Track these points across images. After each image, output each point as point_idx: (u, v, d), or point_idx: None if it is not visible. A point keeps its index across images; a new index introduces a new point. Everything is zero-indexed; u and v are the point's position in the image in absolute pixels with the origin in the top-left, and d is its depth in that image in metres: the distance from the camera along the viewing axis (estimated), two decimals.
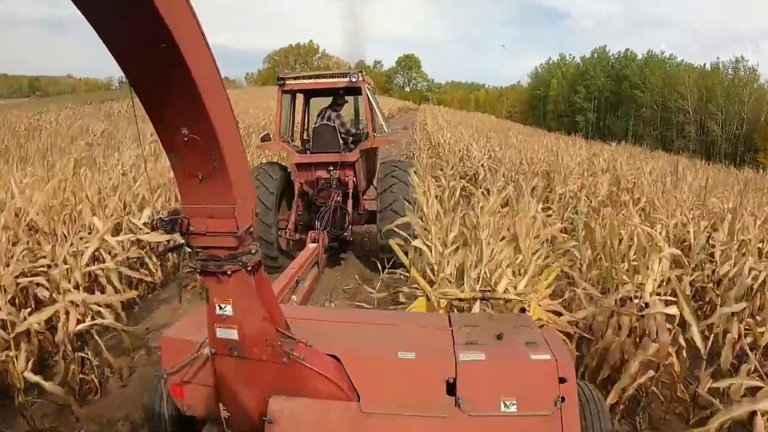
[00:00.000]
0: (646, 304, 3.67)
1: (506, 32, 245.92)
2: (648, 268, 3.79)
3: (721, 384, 3.26)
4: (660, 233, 4.39)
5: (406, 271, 5.00)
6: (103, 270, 4.93)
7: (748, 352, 3.65)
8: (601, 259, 4.66)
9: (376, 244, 5.51)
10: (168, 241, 5.86)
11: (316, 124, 7.28)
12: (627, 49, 79.44)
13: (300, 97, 7.75)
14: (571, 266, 4.83)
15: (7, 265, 4.04)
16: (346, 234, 6.62)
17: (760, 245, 5.24)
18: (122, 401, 4.14)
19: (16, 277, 4.22)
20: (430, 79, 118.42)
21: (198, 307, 3.48)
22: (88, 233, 5.18)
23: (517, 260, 4.49)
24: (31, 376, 3.50)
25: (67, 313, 3.86)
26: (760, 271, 4.55)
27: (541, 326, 3.55)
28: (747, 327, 3.96)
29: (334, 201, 6.68)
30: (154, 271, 5.90)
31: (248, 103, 35.39)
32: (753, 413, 2.83)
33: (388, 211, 6.23)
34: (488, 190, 9.20)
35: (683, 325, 3.69)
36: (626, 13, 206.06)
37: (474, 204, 5.44)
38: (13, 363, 3.56)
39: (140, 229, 5.62)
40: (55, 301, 3.94)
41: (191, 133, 1.86)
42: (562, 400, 2.47)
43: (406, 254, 4.61)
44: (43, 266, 4.57)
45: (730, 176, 16.30)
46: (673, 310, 3.45)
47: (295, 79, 7.02)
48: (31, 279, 4.28)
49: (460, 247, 4.63)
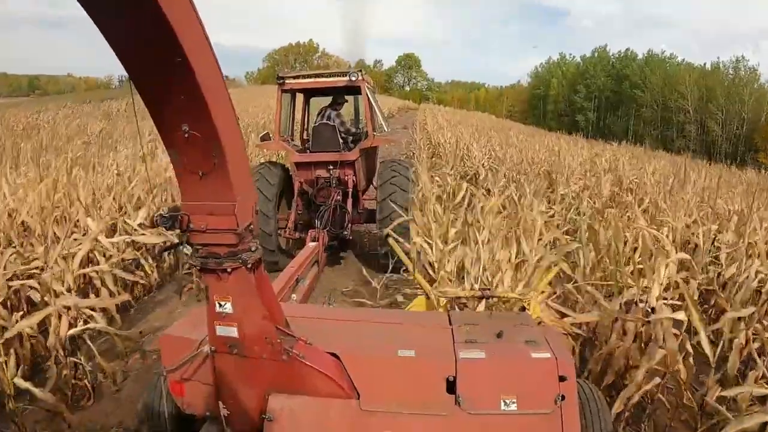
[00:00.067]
0: (653, 309, 3.58)
1: (506, 32, 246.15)
2: (654, 272, 3.69)
3: (730, 393, 3.18)
4: (667, 236, 4.29)
5: (405, 270, 4.97)
6: (97, 272, 4.84)
7: (756, 359, 3.57)
8: (605, 261, 4.57)
9: (375, 243, 5.47)
10: (164, 242, 5.84)
11: (315, 123, 7.27)
12: (627, 49, 79.44)
13: (300, 97, 7.74)
14: (574, 269, 4.76)
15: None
16: (346, 233, 6.62)
17: (767, 247, 5.14)
18: (116, 407, 4.05)
19: (8, 280, 4.15)
20: (430, 79, 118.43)
21: (197, 306, 3.44)
22: (83, 235, 5.09)
23: (517, 260, 4.41)
24: (21, 383, 3.42)
25: (59, 317, 3.77)
26: (767, 275, 4.47)
27: (539, 322, 3.53)
28: (755, 332, 3.88)
29: (333, 200, 6.67)
30: (150, 272, 5.81)
31: (248, 102, 35.27)
32: (765, 424, 2.75)
33: (388, 210, 6.20)
34: (489, 191, 9.17)
35: (689, 329, 3.63)
36: (626, 13, 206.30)
37: (475, 205, 5.37)
38: (3, 368, 3.47)
39: (135, 230, 5.53)
40: (47, 305, 3.86)
41: (192, 130, 1.87)
42: (562, 398, 2.46)
43: (408, 255, 4.53)
44: (35, 268, 4.49)
45: (732, 177, 16.15)
46: (680, 316, 3.35)
47: (295, 78, 6.99)
48: (23, 282, 4.18)
49: (460, 245, 4.56)
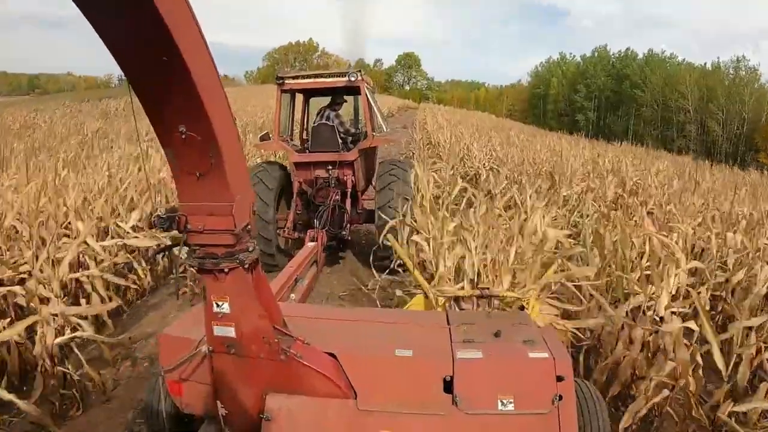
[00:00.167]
0: (661, 318, 3.46)
1: (506, 32, 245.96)
2: (662, 280, 3.56)
3: (741, 408, 3.05)
4: (676, 242, 4.15)
5: (404, 268, 4.96)
6: (88, 277, 4.72)
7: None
8: (610, 266, 4.44)
9: (374, 243, 5.47)
10: (158, 244, 5.73)
11: (315, 123, 7.25)
12: (627, 48, 79.35)
13: (299, 97, 7.74)
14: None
15: None
16: (345, 233, 6.61)
17: None
18: (106, 417, 3.90)
19: None
20: (430, 78, 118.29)
21: (196, 307, 3.34)
22: (74, 238, 4.95)
23: (516, 261, 4.32)
24: (5, 394, 3.29)
25: (46, 326, 3.64)
26: None
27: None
28: (765, 342, 3.75)
29: (332, 200, 6.66)
30: (143, 276, 5.67)
31: (246, 101, 35.13)
32: None
33: (387, 210, 6.19)
34: (489, 192, 9.05)
35: (696, 337, 3.50)
36: (626, 13, 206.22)
37: (476, 208, 5.25)
38: None
39: (128, 233, 5.39)
40: (33, 312, 3.73)
41: (189, 131, 1.86)
42: (560, 398, 2.45)
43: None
44: (24, 273, 4.36)
45: (735, 178, 15.98)
46: (691, 326, 3.22)
47: (294, 78, 6.97)
48: (9, 288, 4.04)
49: (459, 245, 4.46)
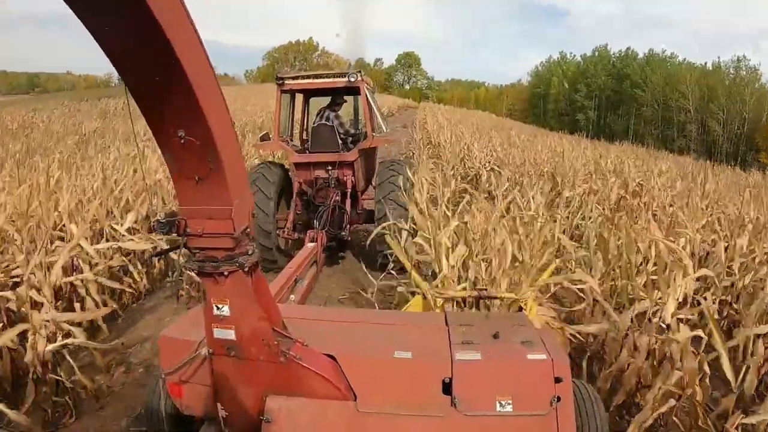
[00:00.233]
0: (668, 326, 3.37)
1: (506, 31, 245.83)
2: (669, 286, 3.47)
3: (751, 420, 2.96)
4: (683, 248, 4.06)
5: (401, 270, 4.93)
6: (82, 281, 4.63)
7: None
8: (614, 270, 4.35)
9: (374, 243, 5.48)
10: (154, 247, 5.65)
11: (314, 123, 7.23)
12: (628, 48, 79.14)
13: (299, 97, 7.71)
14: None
15: None
16: (344, 233, 6.58)
17: None
18: (99, 425, 3.81)
19: None
20: (430, 77, 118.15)
21: (195, 308, 3.34)
22: (68, 242, 4.85)
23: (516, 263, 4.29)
24: None
25: (36, 332, 3.54)
26: None
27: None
28: None
29: (332, 200, 6.63)
30: (139, 279, 5.58)
31: (246, 100, 35.02)
32: None
33: (386, 211, 6.12)
34: (490, 192, 8.97)
35: (701, 342, 3.41)
36: (626, 13, 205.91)
37: (474, 212, 5.18)
38: None
39: (123, 236, 5.30)
40: (25, 318, 3.64)
41: (187, 136, 1.86)
42: (558, 399, 2.45)
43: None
44: (16, 277, 4.27)
45: (737, 179, 15.86)
46: (699, 334, 3.13)
47: (294, 78, 6.94)
48: (0, 293, 3.95)
49: (460, 244, 4.44)
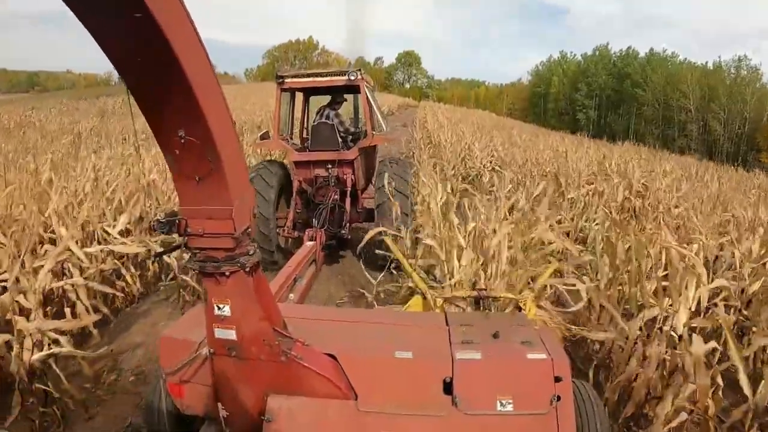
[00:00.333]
0: (680, 337, 3.23)
1: (506, 32, 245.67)
2: (680, 294, 3.32)
3: None
4: (696, 254, 3.91)
5: (398, 270, 4.92)
6: (73, 286, 4.48)
7: None
8: (622, 276, 4.20)
9: (373, 243, 5.38)
10: (148, 250, 5.54)
11: (314, 122, 7.19)
12: (629, 47, 78.91)
13: (299, 95, 7.66)
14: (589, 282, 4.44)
15: None
16: (344, 232, 6.53)
17: None
18: None
19: None
20: (430, 76, 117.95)
21: (195, 308, 3.30)
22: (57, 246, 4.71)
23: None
24: None
25: (21, 341, 3.41)
26: None
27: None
28: None
29: (332, 199, 6.60)
30: (132, 283, 5.44)
31: (245, 99, 34.86)
32: None
33: (385, 209, 6.14)
34: (490, 192, 8.82)
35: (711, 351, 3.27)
36: (626, 13, 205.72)
37: (475, 214, 5.08)
38: None
39: (115, 239, 5.15)
40: (10, 327, 3.50)
41: (187, 135, 1.85)
42: (558, 399, 2.46)
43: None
44: (4, 282, 4.13)
45: (741, 180, 15.68)
46: (714, 346, 2.99)
47: (294, 77, 6.90)
48: None
49: (467, 249, 4.37)
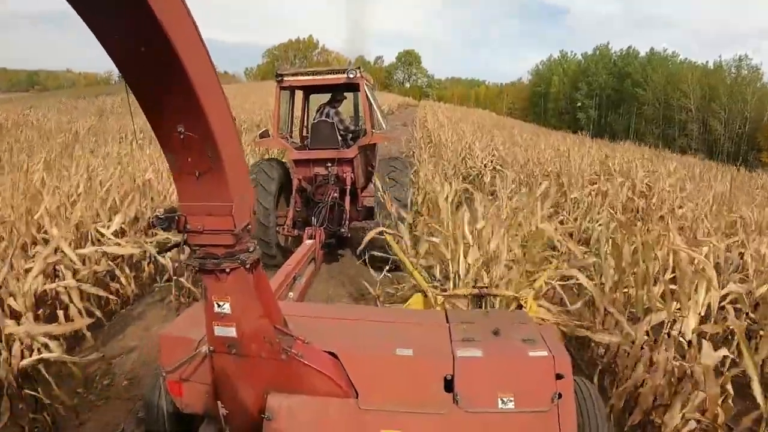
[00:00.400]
0: (689, 342, 3.13)
1: (506, 31, 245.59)
2: (689, 298, 3.22)
3: None
4: (705, 256, 3.80)
5: (398, 269, 4.91)
6: (65, 288, 4.38)
7: None
8: (628, 279, 4.09)
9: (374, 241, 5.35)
10: (144, 252, 5.43)
11: (314, 120, 7.15)
12: (629, 47, 78.74)
13: (299, 94, 7.62)
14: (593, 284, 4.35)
15: None
16: (343, 230, 6.48)
17: None
18: None
19: None
20: (431, 75, 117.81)
21: (194, 306, 3.27)
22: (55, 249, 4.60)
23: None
24: None
25: (10, 346, 3.31)
26: None
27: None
28: None
29: (331, 197, 6.55)
30: (126, 284, 5.33)
31: (245, 98, 34.75)
32: None
33: (385, 208, 6.05)
34: (492, 192, 8.72)
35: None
36: (626, 13, 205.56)
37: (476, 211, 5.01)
38: None
39: (109, 240, 5.04)
40: None
41: (187, 131, 1.84)
42: (559, 396, 2.46)
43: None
44: None
45: (744, 180, 15.56)
46: (726, 353, 2.89)
47: (294, 75, 6.86)
48: None
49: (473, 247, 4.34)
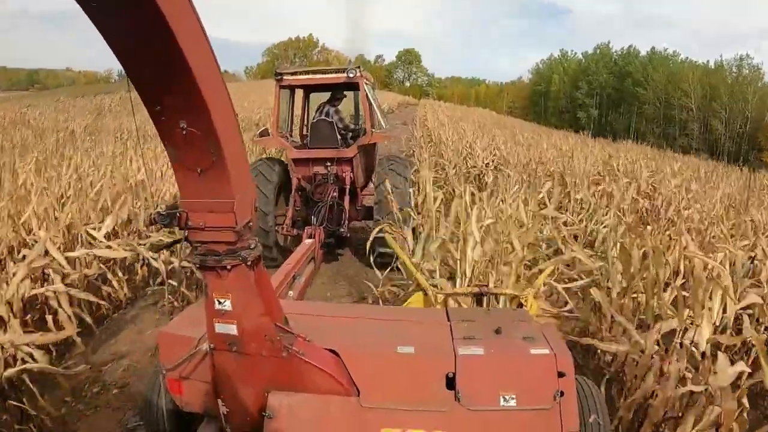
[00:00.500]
0: (702, 354, 2.99)
1: (506, 31, 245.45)
2: (703, 307, 3.07)
3: None
4: (720, 263, 3.66)
5: (397, 269, 4.91)
6: (54, 293, 4.24)
7: None
8: (636, 284, 3.95)
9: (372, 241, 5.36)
10: (137, 255, 5.30)
11: (314, 119, 7.09)
12: (630, 46, 78.58)
13: (299, 92, 7.56)
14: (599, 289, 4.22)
15: None
16: (343, 230, 6.43)
17: None
18: None
19: None
20: (431, 74, 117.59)
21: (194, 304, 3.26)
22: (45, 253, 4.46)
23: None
24: None
25: None
26: None
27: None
28: None
29: (330, 197, 6.49)
30: (119, 288, 5.19)
31: (244, 97, 34.60)
32: None
33: (385, 207, 6.08)
34: (493, 193, 8.58)
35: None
36: (626, 13, 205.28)
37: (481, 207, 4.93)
38: None
39: (100, 243, 4.90)
40: None
41: (190, 127, 1.83)
42: (561, 394, 2.46)
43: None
44: None
45: (748, 181, 15.39)
46: (741, 367, 2.75)
47: (293, 74, 6.80)
48: None
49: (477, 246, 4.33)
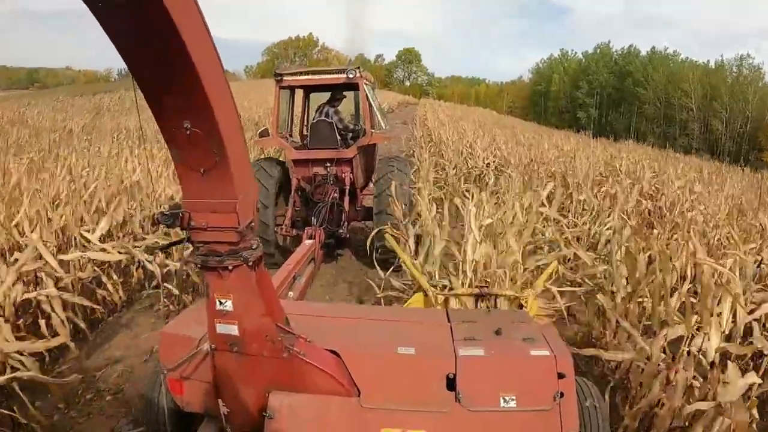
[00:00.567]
0: (711, 364, 2.90)
1: (506, 31, 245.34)
2: (712, 314, 2.99)
3: None
4: (730, 269, 3.57)
5: (398, 268, 4.91)
6: (47, 297, 4.16)
7: None
8: (642, 289, 3.86)
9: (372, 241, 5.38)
10: (132, 257, 5.22)
11: (314, 119, 7.04)
12: (630, 45, 78.44)
13: (299, 93, 7.51)
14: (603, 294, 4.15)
15: None
16: (342, 231, 6.40)
17: None
18: None
19: None
20: (431, 74, 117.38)
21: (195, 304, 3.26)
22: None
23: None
24: None
25: None
26: None
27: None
28: None
29: (330, 197, 6.45)
30: (113, 291, 5.10)
31: (243, 96, 34.49)
32: None
33: (385, 208, 6.05)
34: (494, 193, 8.50)
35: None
36: (626, 13, 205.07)
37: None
38: None
39: (94, 245, 4.81)
40: None
41: (193, 127, 1.83)
42: (561, 395, 2.46)
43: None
44: None
45: (752, 181, 15.31)
46: (752, 378, 2.66)
47: (293, 75, 6.76)
48: None
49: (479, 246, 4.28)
